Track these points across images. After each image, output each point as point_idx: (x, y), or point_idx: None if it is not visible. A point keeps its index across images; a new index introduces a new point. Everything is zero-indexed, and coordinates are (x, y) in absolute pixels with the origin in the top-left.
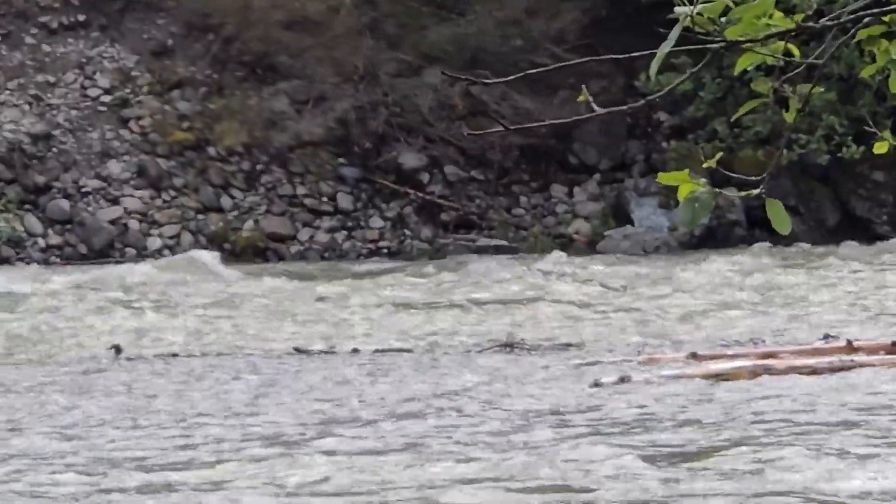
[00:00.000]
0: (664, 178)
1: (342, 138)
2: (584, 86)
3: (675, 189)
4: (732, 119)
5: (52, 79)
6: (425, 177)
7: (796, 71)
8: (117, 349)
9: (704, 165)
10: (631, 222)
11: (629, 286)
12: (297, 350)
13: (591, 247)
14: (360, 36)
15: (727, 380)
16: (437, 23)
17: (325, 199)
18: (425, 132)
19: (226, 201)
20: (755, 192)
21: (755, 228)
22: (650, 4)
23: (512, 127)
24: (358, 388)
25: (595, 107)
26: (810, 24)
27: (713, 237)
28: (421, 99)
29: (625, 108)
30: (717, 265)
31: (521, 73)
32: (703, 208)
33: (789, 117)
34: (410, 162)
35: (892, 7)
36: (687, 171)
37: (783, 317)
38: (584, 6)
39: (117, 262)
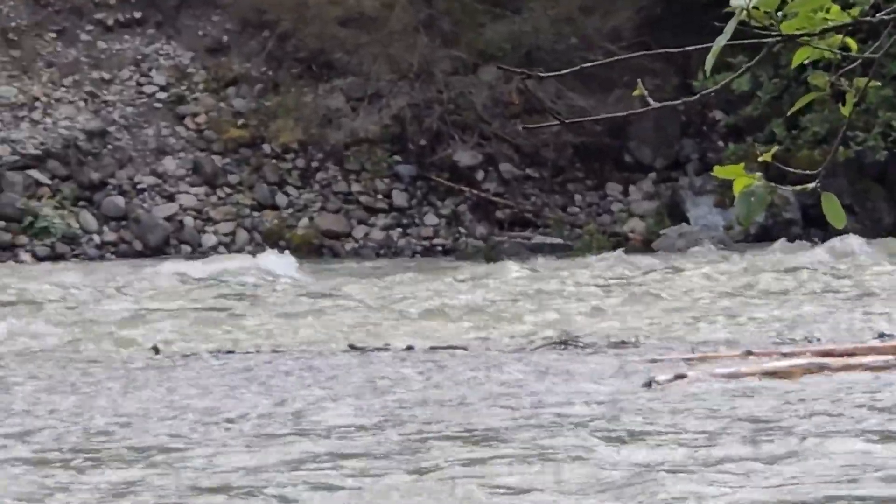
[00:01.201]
0: (720, 171)
1: (397, 136)
2: (639, 80)
3: (730, 188)
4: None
5: (107, 75)
6: (480, 174)
7: (853, 65)
8: (156, 350)
9: (760, 159)
10: (686, 221)
11: (686, 284)
12: (352, 347)
13: (646, 245)
14: (415, 33)
15: (781, 378)
16: (493, 20)
17: (380, 196)
18: (480, 130)
19: (281, 199)
20: (810, 186)
21: (811, 227)
22: (705, 3)
23: (567, 120)
24: (414, 385)
25: (650, 100)
26: (867, 17)
27: (769, 235)
28: (476, 96)
29: (679, 102)
30: (772, 261)
31: (576, 67)
32: (759, 203)
33: (845, 111)
34: (465, 159)
35: None
36: (742, 164)
37: (837, 315)
38: (638, 4)
39: (164, 258)
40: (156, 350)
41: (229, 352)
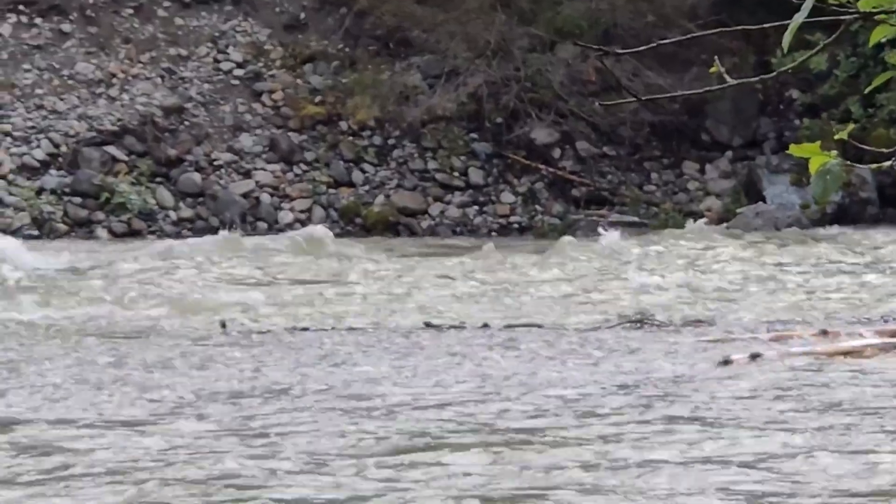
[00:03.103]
0: (796, 150)
1: (474, 113)
2: (716, 57)
3: (807, 167)
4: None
5: (184, 52)
6: (557, 152)
7: None
8: (223, 324)
9: (836, 137)
10: (763, 200)
11: (764, 262)
12: (428, 325)
13: (722, 224)
14: (492, 11)
15: (856, 357)
16: None
17: (456, 173)
18: (557, 107)
19: (357, 176)
20: (886, 164)
21: (887, 207)
22: None
23: (645, 97)
24: (489, 363)
25: (727, 77)
26: None
27: (845, 215)
28: (553, 74)
29: (756, 79)
30: (851, 240)
31: (654, 44)
32: (835, 181)
33: None
34: (542, 137)
35: None
36: (818, 143)
37: None
38: None
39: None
40: (223, 325)
41: (304, 328)
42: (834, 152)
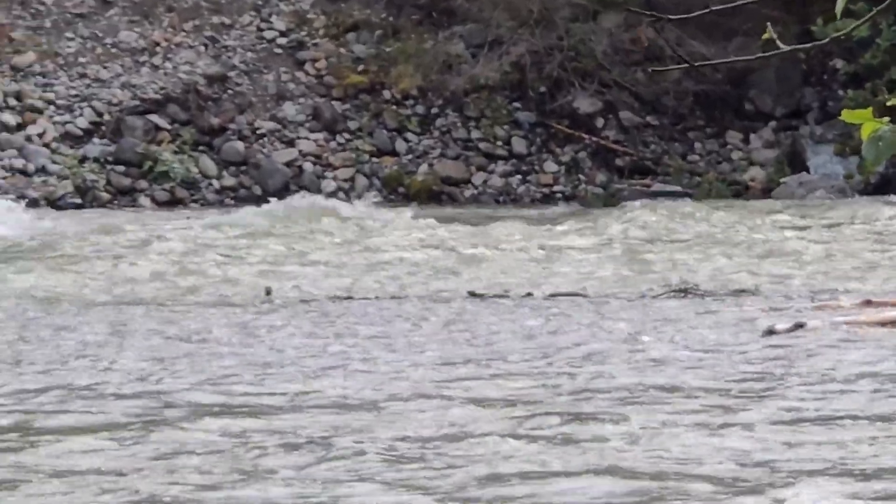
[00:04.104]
0: (848, 115)
1: (517, 82)
2: (768, 23)
3: (851, 136)
4: None
5: (227, 20)
6: (600, 122)
7: None
8: (268, 291)
9: (889, 104)
10: (806, 170)
11: (808, 232)
12: (472, 294)
13: (765, 194)
14: None
15: None
16: None
17: (499, 143)
18: (600, 77)
19: (400, 145)
20: None
21: None
22: None
23: (696, 63)
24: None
25: (780, 43)
26: None
27: (889, 185)
28: (596, 43)
29: (808, 45)
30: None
31: (705, 10)
32: (888, 147)
33: None
34: (585, 107)
35: None
36: (870, 109)
37: None
38: None
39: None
40: (268, 292)
41: (348, 297)
42: (886, 119)
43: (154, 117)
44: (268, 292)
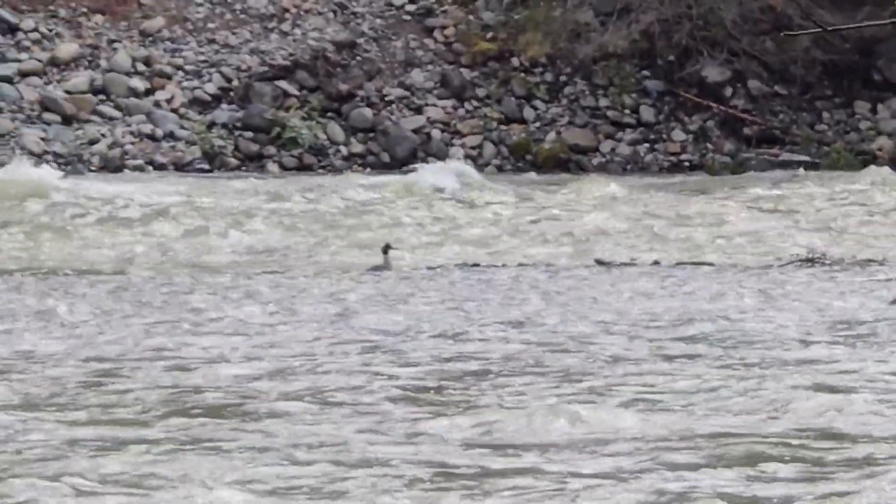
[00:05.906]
0: None
1: (646, 51)
2: None
3: None
4: None
5: None
6: (728, 91)
7: None
8: (386, 248)
9: None
10: None
11: None
12: (598, 262)
13: (894, 164)
14: None
15: None
16: None
17: (627, 111)
18: (729, 46)
19: (528, 112)
20: None
21: None
22: None
23: (830, 28)
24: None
25: None
26: None
27: None
28: (725, 12)
29: None
30: None
31: None
32: None
33: None
34: (714, 75)
35: None
36: None
37: None
38: None
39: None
40: (385, 250)
41: (475, 265)
42: None
43: (283, 83)
44: (385, 250)
